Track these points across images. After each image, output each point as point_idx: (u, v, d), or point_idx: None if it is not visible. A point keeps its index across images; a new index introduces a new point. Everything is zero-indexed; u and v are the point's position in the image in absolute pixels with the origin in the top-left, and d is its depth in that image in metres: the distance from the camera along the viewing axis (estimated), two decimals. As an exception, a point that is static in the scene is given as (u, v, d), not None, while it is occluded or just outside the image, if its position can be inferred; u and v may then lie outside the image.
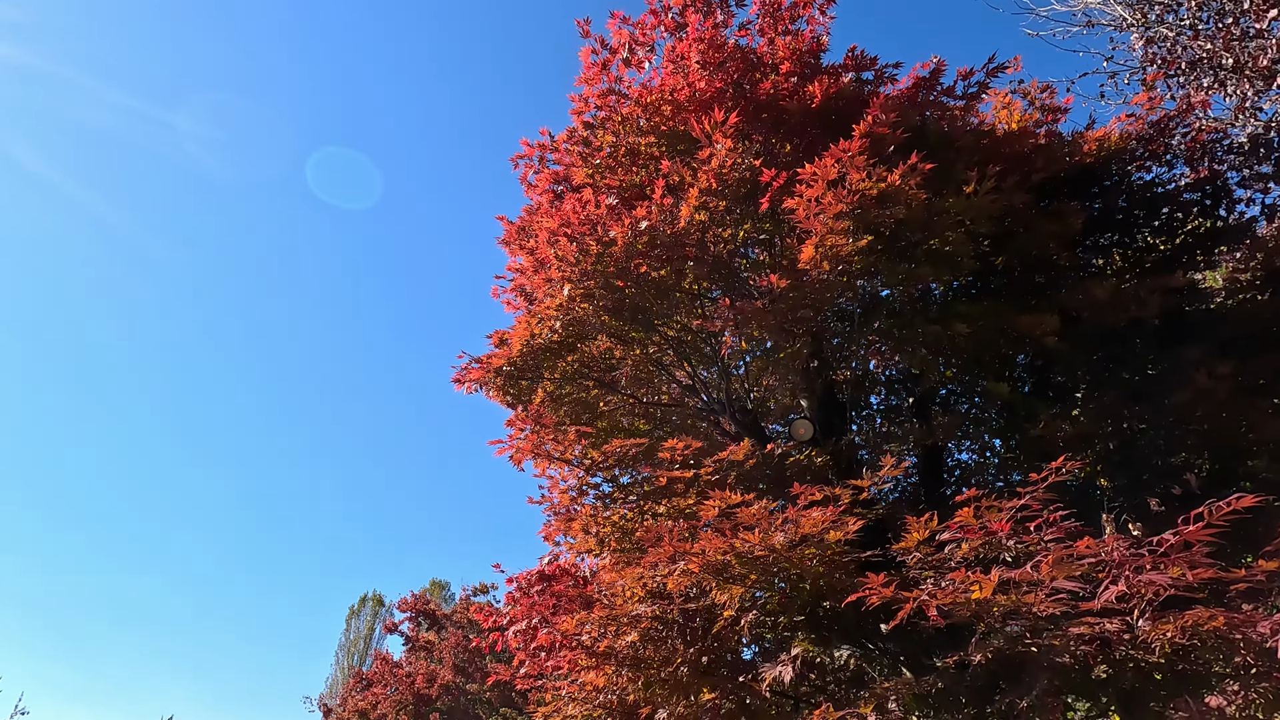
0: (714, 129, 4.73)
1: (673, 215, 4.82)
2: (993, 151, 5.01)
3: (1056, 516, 3.30)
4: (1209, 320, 4.78)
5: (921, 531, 3.46)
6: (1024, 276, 5.33)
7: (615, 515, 5.95)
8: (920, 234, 4.29)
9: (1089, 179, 6.16)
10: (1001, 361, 5.47)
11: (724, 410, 6.18)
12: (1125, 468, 4.43)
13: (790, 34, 5.29)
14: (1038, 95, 6.60)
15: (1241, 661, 2.93)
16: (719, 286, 6.04)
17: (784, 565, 3.52)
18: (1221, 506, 2.59)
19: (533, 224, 6.25)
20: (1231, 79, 6.70)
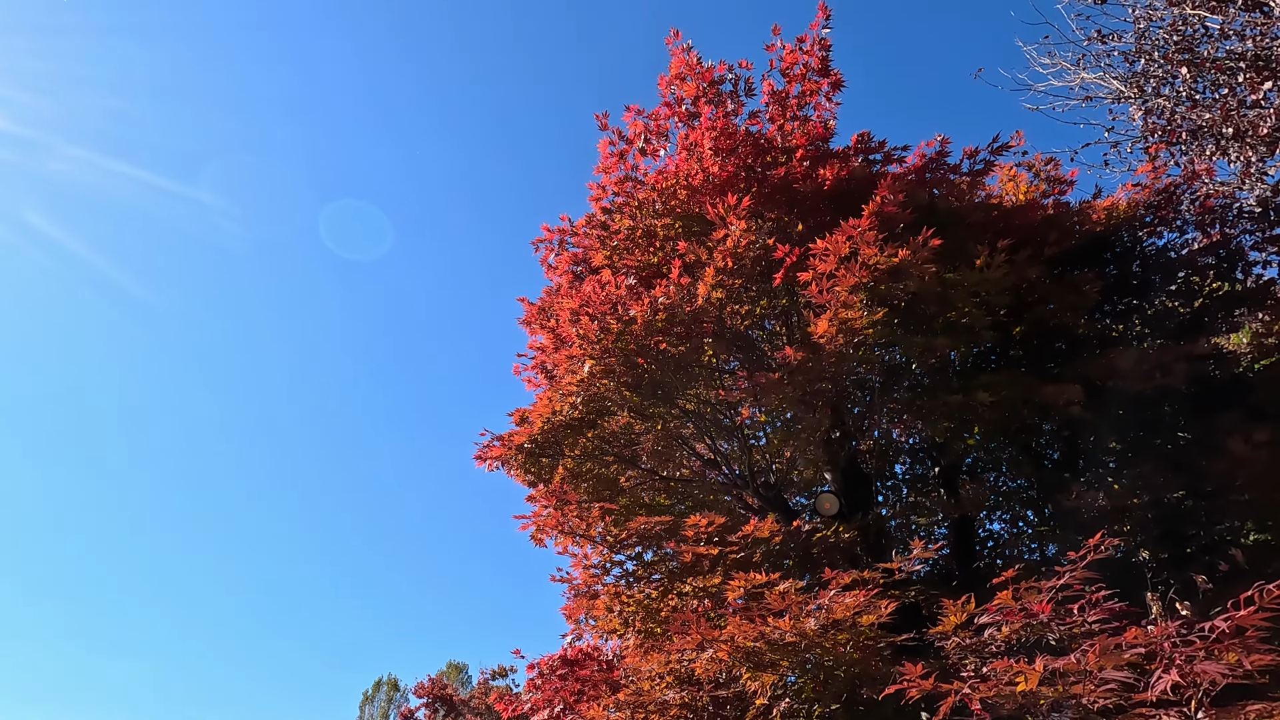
0: (728, 211, 4.90)
1: (690, 293, 4.92)
2: (1002, 224, 5.11)
3: (1099, 596, 3.18)
4: (1239, 385, 4.71)
5: (959, 615, 3.34)
6: (1044, 345, 5.33)
7: (639, 594, 5.82)
8: (935, 306, 4.33)
9: (1101, 247, 6.23)
10: (1027, 431, 5.40)
11: (746, 485, 6.11)
12: (1167, 541, 4.28)
13: (799, 120, 5.53)
14: (1042, 168, 6.77)
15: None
16: (737, 360, 6.10)
17: (816, 651, 3.41)
18: (1272, 590, 2.49)
19: (553, 304, 6.41)
20: (1233, 146, 6.83)
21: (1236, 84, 7.00)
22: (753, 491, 6.08)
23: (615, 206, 6.02)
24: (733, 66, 5.74)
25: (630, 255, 5.95)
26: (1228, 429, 4.14)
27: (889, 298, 4.14)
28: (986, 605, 3.28)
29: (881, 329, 4.23)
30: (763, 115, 5.75)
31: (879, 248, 4.08)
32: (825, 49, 5.48)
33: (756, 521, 4.87)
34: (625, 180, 6.15)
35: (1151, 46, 8.08)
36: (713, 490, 6.62)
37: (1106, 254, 6.35)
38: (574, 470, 6.27)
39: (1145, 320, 6.27)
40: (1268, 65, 6.68)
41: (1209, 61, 7.42)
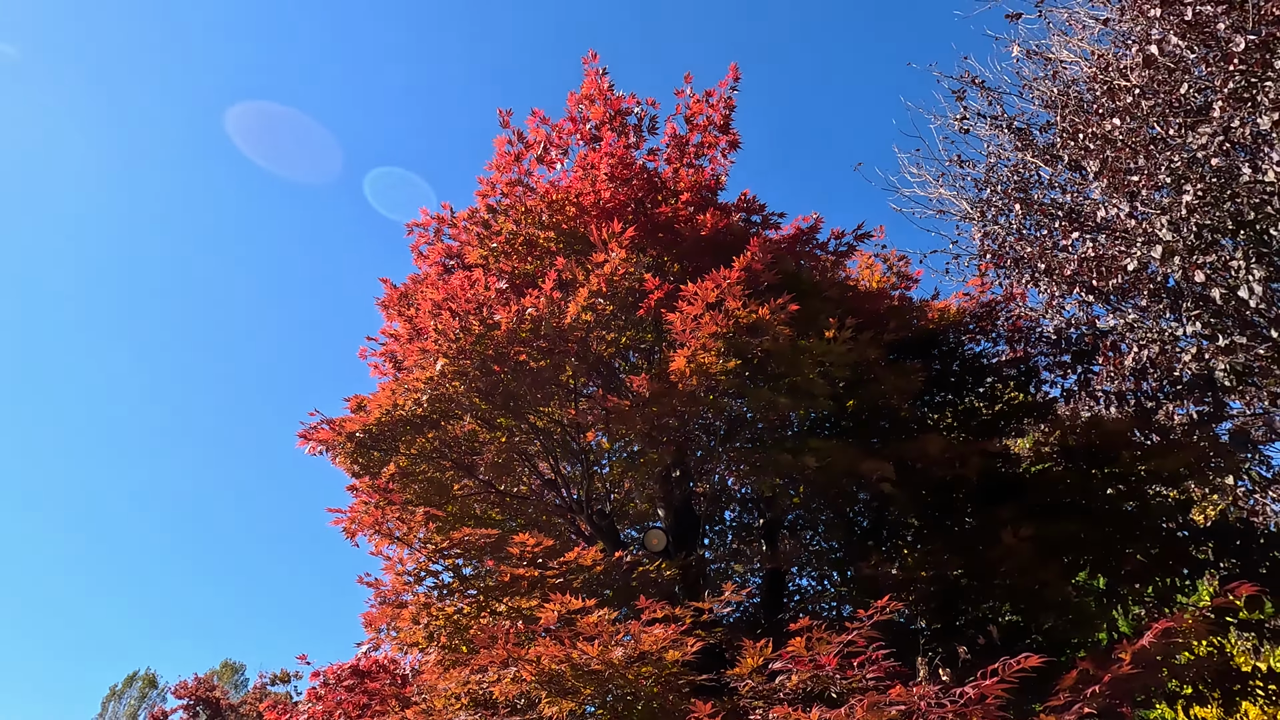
0: (611, 237, 4.95)
1: (560, 309, 4.89)
2: (854, 305, 5.57)
3: (879, 655, 3.45)
4: (1018, 484, 5.40)
5: (756, 658, 3.49)
6: (870, 422, 5.83)
7: (450, 608, 5.56)
8: (783, 367, 4.61)
9: (930, 343, 6.97)
10: (844, 497, 5.84)
11: (581, 510, 6.09)
12: (941, 613, 4.78)
13: (693, 168, 5.75)
14: (895, 263, 7.51)
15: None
16: (595, 384, 6.12)
17: (619, 682, 3.41)
18: (1013, 664, 2.84)
19: (417, 293, 6.11)
20: (1043, 280, 7.97)
21: (1054, 228, 8.19)
22: (586, 518, 6.06)
23: (501, 208, 5.90)
24: (641, 102, 5.89)
25: (506, 260, 5.83)
26: (1004, 521, 4.71)
27: (744, 350, 4.35)
28: (781, 652, 3.46)
29: (733, 378, 4.42)
30: (660, 154, 5.92)
31: (743, 301, 4.28)
32: (729, 108, 5.77)
33: (582, 548, 4.84)
34: (516, 184, 6.06)
35: (996, 180, 9.27)
36: (547, 511, 6.52)
37: (934, 350, 7.12)
38: (406, 469, 5.94)
39: (955, 414, 7.06)
40: (1078, 219, 7.88)
41: (1037, 204, 8.63)
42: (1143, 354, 6.61)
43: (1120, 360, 7.11)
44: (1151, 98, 6.66)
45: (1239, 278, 5.74)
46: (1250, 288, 5.57)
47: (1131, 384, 7.12)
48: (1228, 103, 5.88)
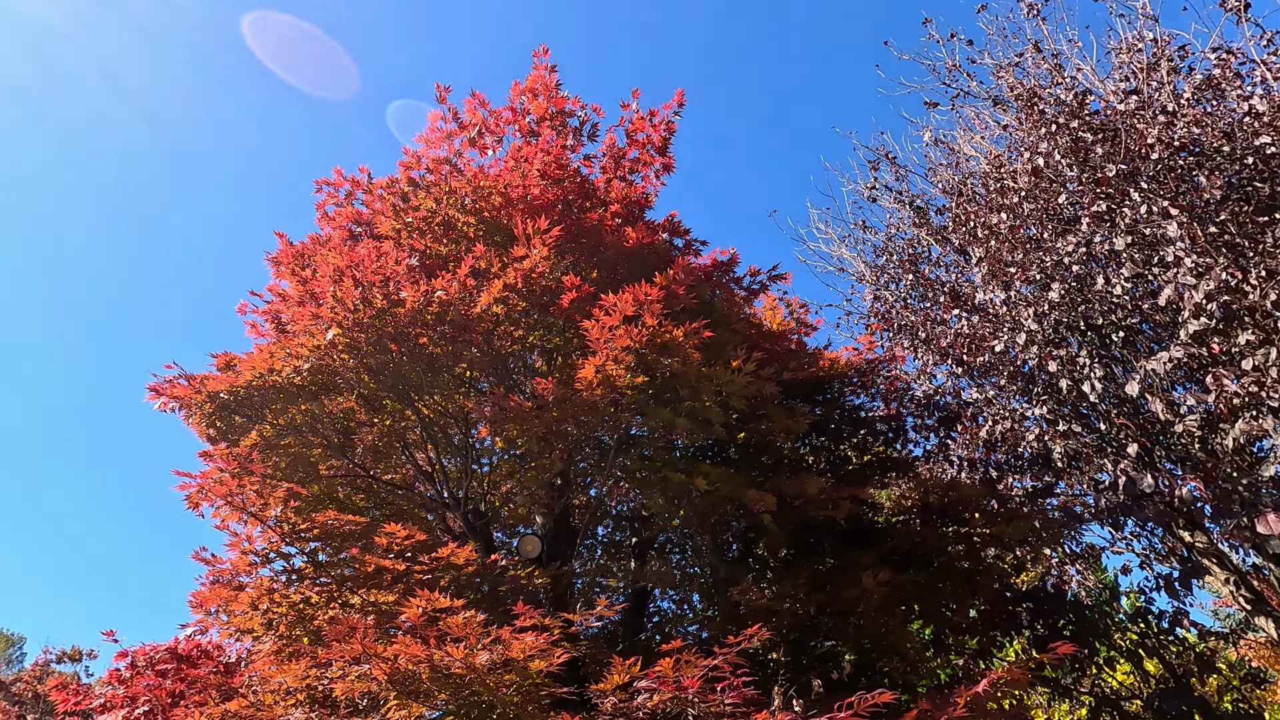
0: (536, 234, 4.86)
1: (472, 298, 4.73)
2: (757, 341, 5.78)
3: (740, 682, 3.53)
4: (878, 532, 5.78)
5: (622, 676, 3.47)
6: (756, 456, 6.04)
7: (297, 595, 5.14)
8: (687, 391, 4.69)
9: (818, 389, 7.37)
10: (721, 525, 5.99)
11: (457, 507, 5.86)
12: (797, 645, 5.00)
13: (626, 182, 5.79)
14: (797, 309, 7.90)
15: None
16: (492, 379, 5.94)
17: (479, 688, 3.27)
18: (868, 699, 3.00)
19: (317, 254, 5.70)
20: (921, 348, 8.67)
21: (937, 303, 8.93)
22: (461, 515, 5.84)
23: (424, 184, 5.64)
24: (586, 106, 5.87)
25: (421, 238, 5.57)
26: (864, 565, 5.00)
27: (653, 369, 4.39)
28: (648, 671, 3.46)
29: (637, 394, 4.44)
30: (596, 162, 5.92)
31: (659, 320, 4.33)
32: (670, 131, 5.87)
33: (455, 546, 4.65)
34: (444, 162, 5.82)
35: (893, 250, 10.00)
36: (419, 504, 6.23)
37: (819, 396, 7.52)
38: (271, 440, 5.48)
39: (830, 460, 7.48)
40: (958, 298, 8.63)
41: (925, 278, 9.39)
42: (996, 428, 7.30)
43: (976, 430, 7.82)
44: (1033, 202, 7.46)
45: (1083, 373, 6.49)
46: (1091, 384, 6.31)
47: (983, 453, 7.84)
48: (1093, 220, 6.69)
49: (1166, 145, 6.39)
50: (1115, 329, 6.74)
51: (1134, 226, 6.16)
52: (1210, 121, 6.52)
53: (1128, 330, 6.73)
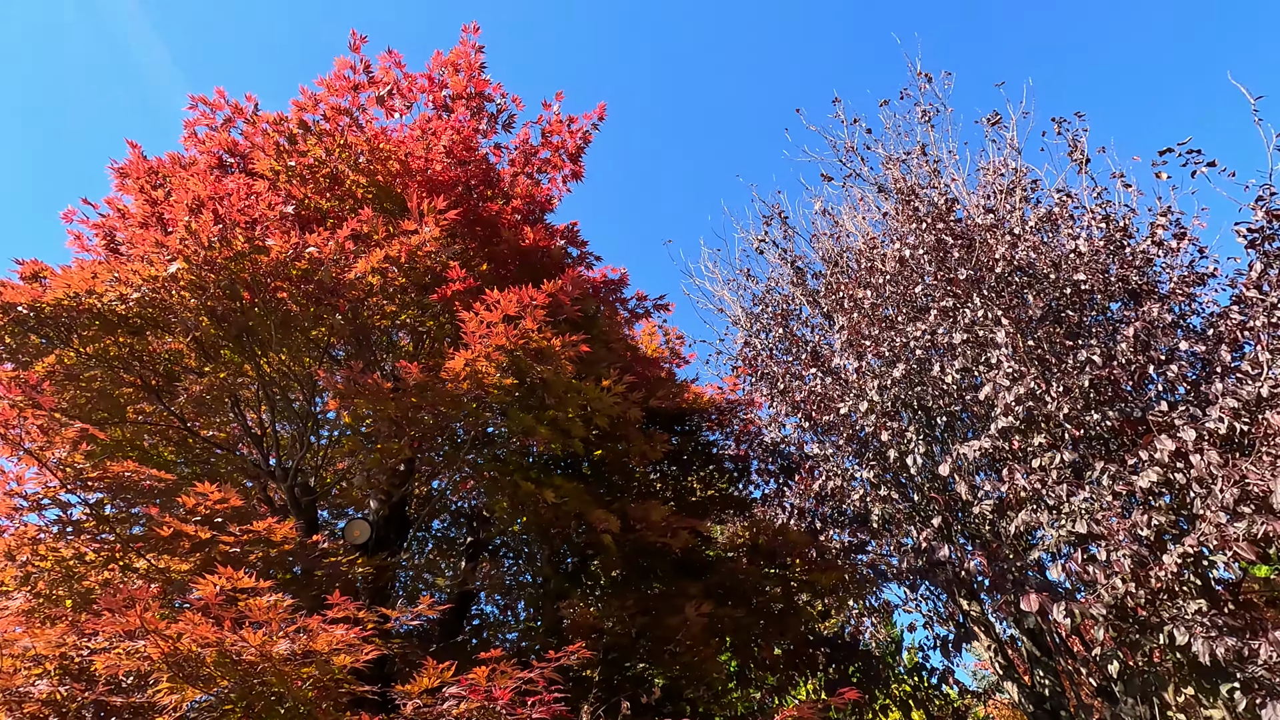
0: (430, 212, 4.67)
1: (347, 261, 4.44)
2: (631, 364, 5.88)
3: (552, 698, 3.53)
4: (709, 565, 6.03)
5: (433, 679, 3.35)
6: (610, 474, 6.12)
7: (69, 550, 4.50)
8: (554, 400, 4.67)
9: (679, 419, 7.61)
10: (561, 538, 5.98)
11: (284, 478, 5.42)
12: (614, 665, 5.07)
13: (533, 180, 5.71)
14: (674, 340, 8.14)
15: None
16: (352, 350, 5.59)
17: (271, 679, 3.01)
18: (673, 724, 3.10)
19: (175, 177, 5.11)
20: (777, 398, 9.23)
21: (799, 358, 9.54)
22: (286, 488, 5.40)
23: (318, 130, 5.24)
24: (507, 95, 5.74)
25: (303, 186, 5.16)
26: (690, 595, 5.20)
27: (525, 373, 4.34)
28: (460, 677, 3.36)
29: (504, 395, 4.36)
30: (506, 154, 5.80)
31: (540, 326, 4.29)
32: (585, 141, 5.88)
33: (274, 521, 4.29)
34: (344, 113, 5.45)
35: (770, 302, 10.59)
36: (240, 469, 5.69)
37: (679, 427, 7.77)
38: (72, 370, 4.79)
39: (677, 489, 7.72)
40: (817, 358, 9.28)
41: (793, 334, 10.00)
42: (828, 483, 7.89)
43: (811, 483, 8.41)
44: (895, 287, 8.23)
45: (908, 447, 7.20)
46: (914, 457, 7.01)
47: (813, 504, 8.44)
48: (940, 314, 7.49)
49: (1008, 263, 7.30)
50: (942, 412, 7.54)
51: (970, 327, 6.96)
52: (1045, 250, 7.53)
53: (951, 415, 7.56)
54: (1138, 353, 6.35)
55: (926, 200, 8.30)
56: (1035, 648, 7.64)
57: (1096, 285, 7.10)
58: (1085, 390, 6.24)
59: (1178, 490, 5.32)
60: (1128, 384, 6.42)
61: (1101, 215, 7.58)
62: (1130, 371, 6.32)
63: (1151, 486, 5.28)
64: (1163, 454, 5.15)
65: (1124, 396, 6.37)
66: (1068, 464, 5.94)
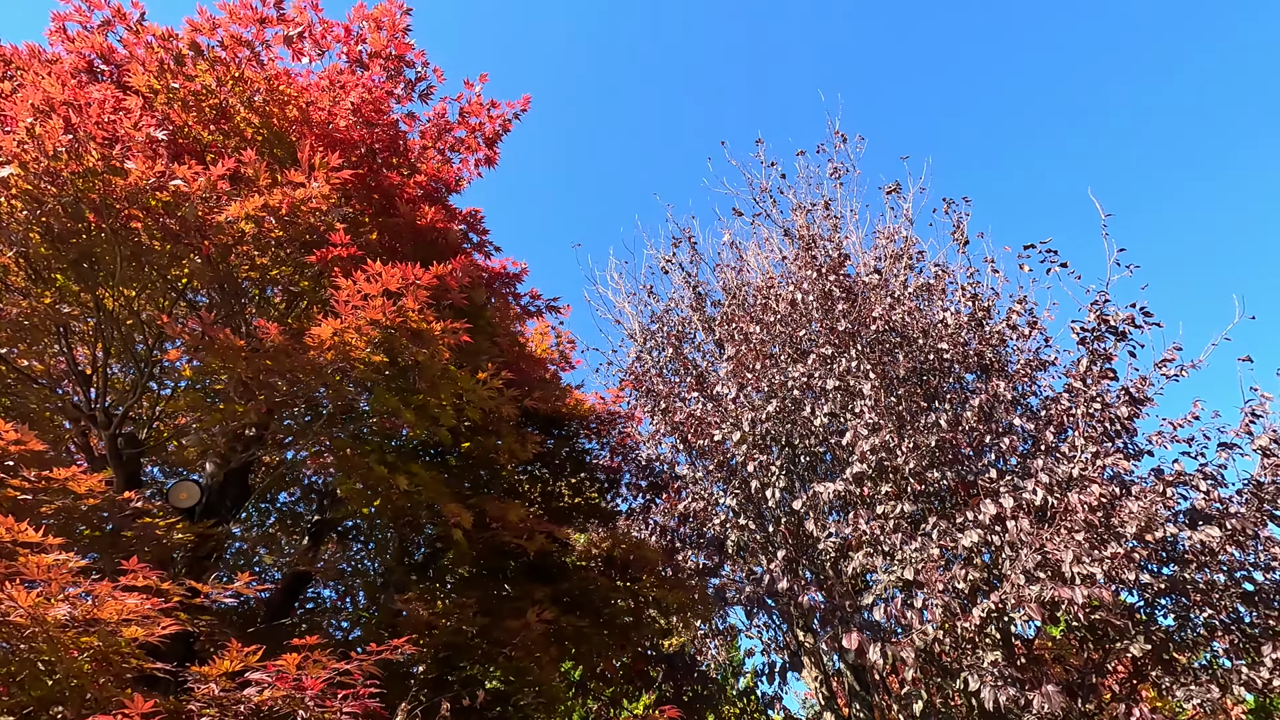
0: (322, 168, 4.40)
1: (219, 202, 4.09)
2: (515, 360, 5.79)
3: (367, 693, 3.37)
4: (562, 571, 6.00)
5: (236, 662, 3.11)
6: (476, 469, 5.97)
7: None
8: (427, 385, 4.50)
9: (557, 423, 7.56)
10: (412, 527, 5.77)
11: (107, 425, 4.89)
12: (445, 663, 4.92)
13: (443, 157, 5.53)
14: (565, 343, 8.10)
15: None
16: (214, 298, 5.15)
17: (40, 646, 2.68)
18: (487, 729, 3.04)
19: (29, 70, 4.52)
20: (659, 416, 9.40)
21: (685, 380, 9.75)
22: (109, 437, 4.88)
23: (210, 56, 4.81)
24: (429, 65, 5.54)
25: (184, 112, 4.72)
26: (536, 600, 5.14)
27: (398, 353, 4.16)
28: (268, 663, 3.15)
29: (372, 372, 4.16)
30: (418, 126, 5.58)
31: (421, 307, 4.14)
32: (505, 129, 5.77)
33: (81, 470, 3.86)
34: (244, 44, 5.04)
35: (667, 322, 10.79)
36: (60, 409, 5.08)
37: (557, 430, 7.72)
38: None
39: (544, 492, 7.65)
40: (703, 384, 9.52)
41: (683, 357, 10.22)
42: (693, 505, 8.09)
43: (677, 503, 8.60)
44: (783, 327, 8.62)
45: (771, 480, 7.53)
46: (774, 490, 7.33)
47: (675, 524, 8.63)
48: (819, 359, 7.93)
49: (885, 322, 7.83)
50: (807, 451, 7.95)
51: (844, 375, 7.39)
52: (918, 316, 8.15)
53: (814, 455, 7.98)
54: (980, 422, 6.97)
55: (824, 251, 8.78)
56: (856, 683, 8.15)
57: (956, 356, 7.74)
58: (931, 449, 6.77)
59: (994, 550, 5.87)
60: (968, 449, 7.04)
61: (970, 294, 8.29)
62: (971, 439, 6.92)
63: (973, 545, 5.79)
64: (985, 517, 5.67)
65: (963, 460, 6.97)
66: (907, 515, 6.42)
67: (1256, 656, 5.08)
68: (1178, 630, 5.87)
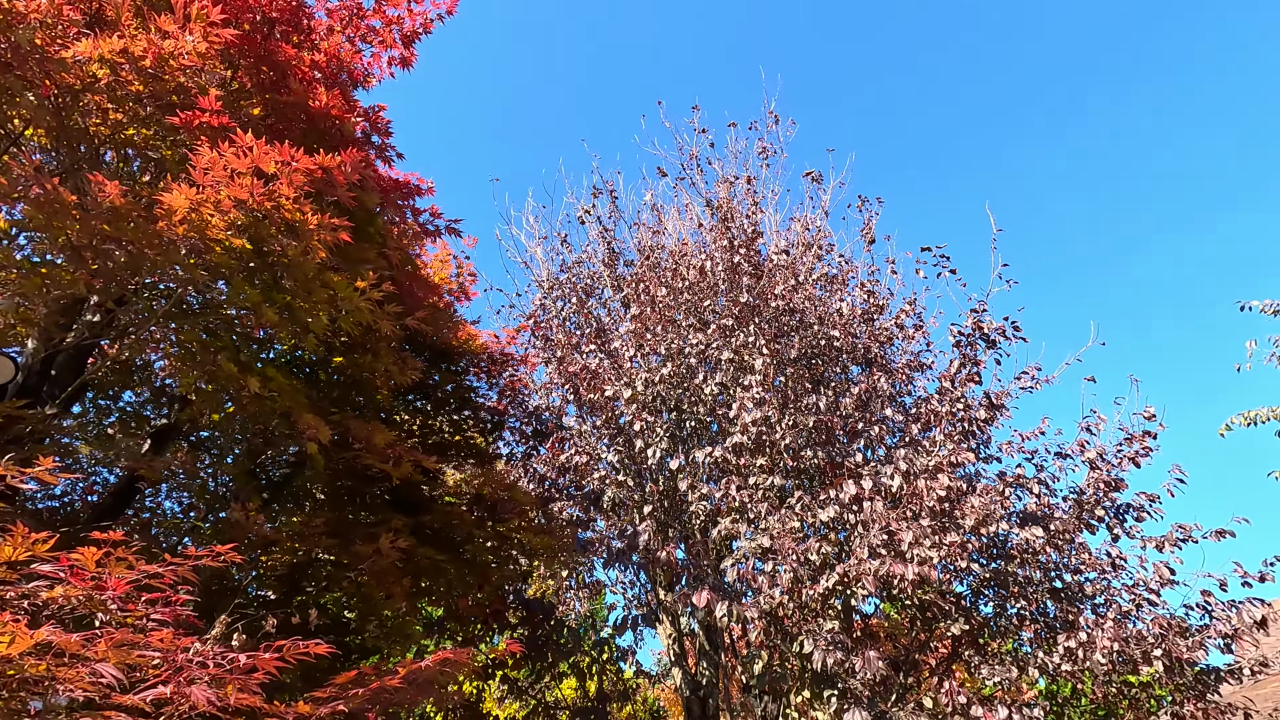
0: (199, 19, 3.87)
1: (64, 34, 3.52)
2: (405, 280, 5.45)
3: (181, 599, 3.10)
4: (426, 504, 5.80)
5: (21, 550, 2.76)
6: (346, 389, 5.62)
7: None
8: (298, 286, 4.14)
9: (445, 356, 7.26)
10: (270, 441, 5.38)
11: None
12: (290, 585, 4.64)
13: (353, 44, 5.05)
14: (467, 276, 7.76)
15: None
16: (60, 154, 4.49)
17: None
18: (301, 647, 2.86)
19: None
20: (553, 364, 9.25)
21: (586, 333, 9.63)
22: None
23: None
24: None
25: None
26: (394, 529, 4.93)
27: (265, 243, 3.77)
28: (62, 555, 2.82)
29: (231, 259, 3.76)
30: (327, 4, 5.06)
31: (299, 196, 3.77)
32: (426, 30, 5.34)
33: None
34: None
35: (578, 274, 10.60)
36: None
37: (444, 364, 7.42)
38: None
39: (423, 425, 7.37)
40: (604, 339, 9.44)
41: (588, 310, 10.08)
42: (575, 459, 8.05)
43: (559, 454, 8.54)
44: (690, 295, 8.65)
45: (654, 441, 7.60)
46: (656, 451, 7.40)
47: (555, 475, 8.57)
48: (719, 330, 8.03)
49: (786, 303, 8.00)
50: (695, 419, 8.07)
51: (739, 350, 7.51)
52: (817, 304, 8.38)
53: (700, 423, 8.12)
54: (858, 410, 7.29)
55: (739, 227, 8.83)
56: (707, 643, 8.48)
57: (846, 345, 8.04)
58: (809, 429, 7.03)
59: (849, 528, 6.19)
60: (842, 434, 7.36)
61: (868, 290, 8.62)
62: (847, 424, 7.24)
63: (830, 521, 6.08)
64: (845, 496, 5.95)
65: (836, 443, 7.29)
66: (776, 488, 6.65)
67: (1053, 644, 5.65)
68: (995, 618, 6.45)
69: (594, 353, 9.10)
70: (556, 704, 8.32)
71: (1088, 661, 5.49)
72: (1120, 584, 6.34)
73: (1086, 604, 6.31)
